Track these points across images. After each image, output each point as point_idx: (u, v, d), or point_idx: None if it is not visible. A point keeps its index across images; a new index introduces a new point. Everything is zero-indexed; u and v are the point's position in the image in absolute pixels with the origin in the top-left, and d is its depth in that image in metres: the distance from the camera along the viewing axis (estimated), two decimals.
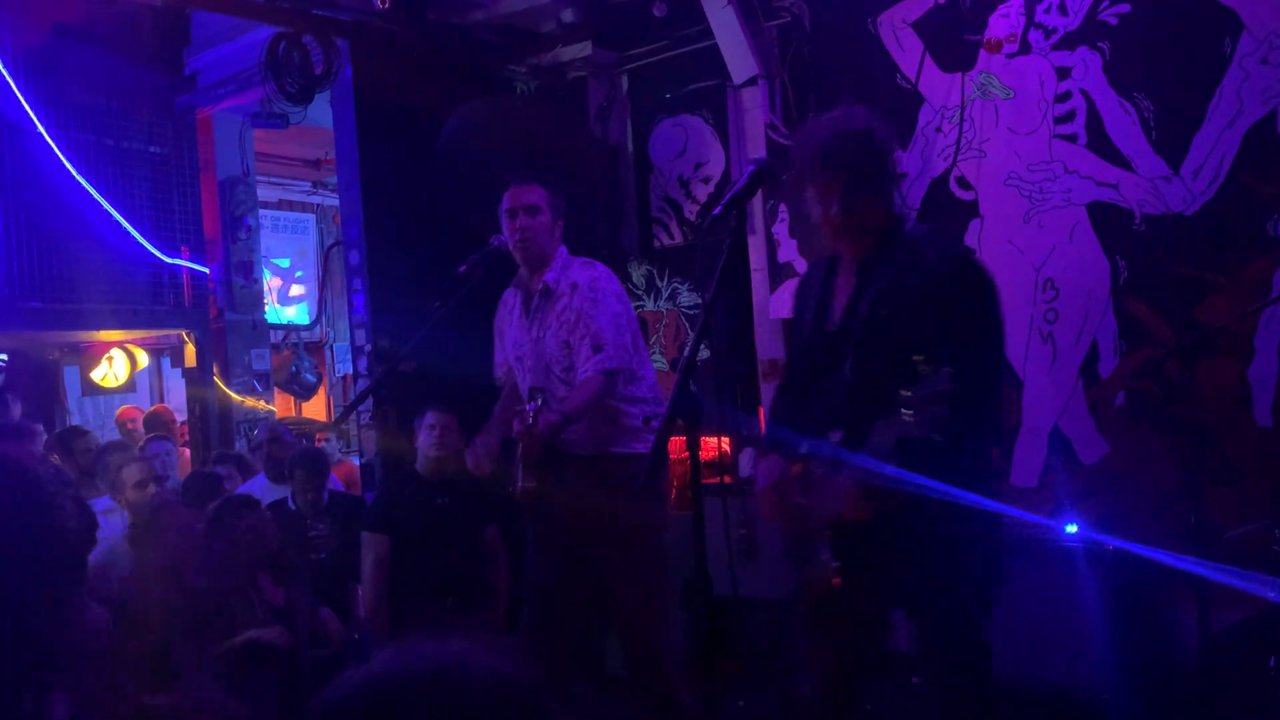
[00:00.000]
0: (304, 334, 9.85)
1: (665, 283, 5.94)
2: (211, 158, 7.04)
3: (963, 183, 4.68)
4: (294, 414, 9.33)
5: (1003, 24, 4.56)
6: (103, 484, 4.91)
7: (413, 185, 5.41)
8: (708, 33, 5.23)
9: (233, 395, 7.01)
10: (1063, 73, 4.40)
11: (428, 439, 4.56)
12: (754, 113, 5.24)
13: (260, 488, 5.29)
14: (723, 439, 5.29)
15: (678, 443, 3.96)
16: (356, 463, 6.01)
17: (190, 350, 6.99)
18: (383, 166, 5.44)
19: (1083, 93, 4.36)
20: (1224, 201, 4.05)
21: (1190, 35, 4.09)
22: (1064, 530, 4.00)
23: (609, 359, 3.51)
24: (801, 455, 2.61)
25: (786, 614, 2.85)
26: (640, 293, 5.97)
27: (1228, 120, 4.02)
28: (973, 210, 4.66)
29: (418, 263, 5.24)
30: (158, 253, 6.64)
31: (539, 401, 3.41)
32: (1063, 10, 4.40)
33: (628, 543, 3.59)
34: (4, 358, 7.52)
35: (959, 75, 4.65)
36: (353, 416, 5.57)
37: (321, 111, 5.79)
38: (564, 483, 3.58)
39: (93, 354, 7.73)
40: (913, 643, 2.69)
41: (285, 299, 9.80)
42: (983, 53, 4.61)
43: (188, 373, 7.11)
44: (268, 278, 8.54)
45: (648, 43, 5.70)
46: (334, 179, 7.42)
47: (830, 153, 2.59)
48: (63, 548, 2.31)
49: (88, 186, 6.28)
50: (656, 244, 5.90)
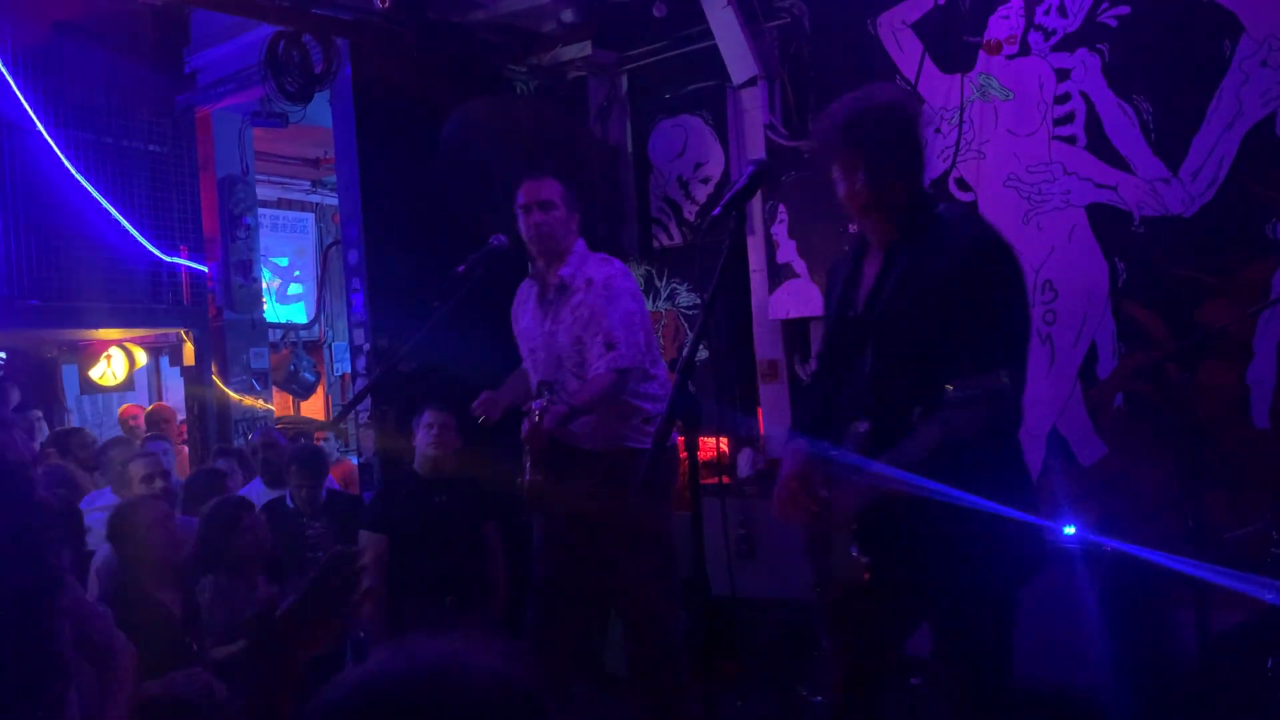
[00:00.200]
0: (302, 333, 9.85)
1: (664, 283, 5.94)
2: (211, 156, 7.05)
3: (962, 184, 4.69)
4: (292, 413, 9.33)
5: (1002, 25, 4.56)
6: (103, 478, 4.91)
7: (412, 184, 5.41)
8: (708, 33, 5.23)
9: (231, 394, 7.01)
10: (1062, 74, 4.40)
11: (425, 438, 4.56)
12: (753, 113, 5.24)
13: (256, 492, 5.29)
14: (721, 439, 5.30)
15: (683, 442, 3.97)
16: (355, 462, 6.01)
17: (189, 349, 6.99)
18: (382, 166, 5.45)
19: (1082, 94, 4.36)
20: (1223, 204, 4.05)
21: (1190, 37, 4.10)
22: (1062, 532, 4.00)
23: (621, 357, 3.51)
24: (826, 458, 2.52)
25: (810, 614, 2.76)
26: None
27: (1227, 122, 4.03)
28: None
29: (417, 262, 5.24)
30: (157, 251, 6.64)
31: (545, 399, 3.42)
32: (1062, 12, 4.40)
33: (635, 540, 3.59)
34: (2, 356, 7.52)
35: (958, 76, 4.65)
36: (351, 415, 5.57)
37: (321, 111, 5.79)
38: (572, 478, 3.59)
39: (91, 352, 7.73)
40: (928, 643, 2.58)
41: (284, 298, 9.80)
42: (982, 54, 4.61)
43: (186, 371, 7.12)
44: (267, 277, 8.54)
45: (648, 43, 5.70)
46: (333, 178, 7.43)
47: (852, 127, 2.49)
48: (43, 539, 2.32)
49: (87, 185, 6.28)
50: (656, 244, 5.90)
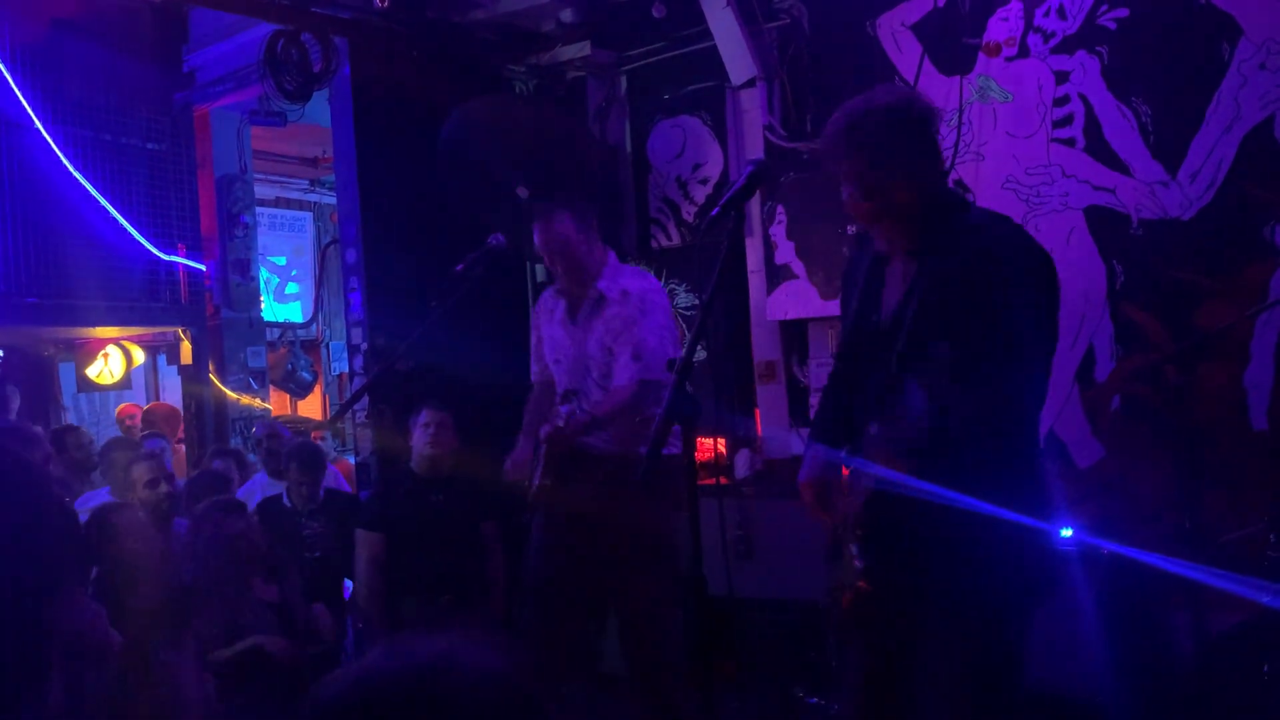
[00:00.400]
0: (300, 332, 9.85)
1: (662, 283, 5.93)
2: (209, 155, 7.04)
3: (961, 185, 4.68)
4: (289, 412, 9.33)
5: (1001, 27, 4.56)
6: (102, 478, 4.90)
7: (411, 184, 5.41)
8: (707, 34, 5.23)
9: (228, 393, 7.01)
10: (1061, 77, 4.40)
11: (423, 437, 4.56)
12: (752, 114, 5.23)
13: (261, 485, 5.30)
14: (719, 440, 5.29)
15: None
16: (352, 461, 6.01)
17: (186, 347, 6.98)
18: (381, 165, 5.44)
19: (1081, 97, 4.36)
20: (1221, 206, 4.05)
21: (1188, 40, 4.10)
22: (1059, 534, 4.00)
23: (647, 369, 3.55)
24: (840, 464, 2.50)
25: (811, 615, 2.73)
26: None
27: (1225, 125, 4.03)
28: None
29: (415, 261, 5.24)
30: (154, 249, 6.63)
31: (572, 406, 3.46)
32: (1061, 14, 4.40)
33: (638, 542, 3.60)
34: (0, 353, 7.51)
35: (957, 78, 4.65)
36: (348, 414, 5.57)
37: (319, 109, 5.79)
38: (577, 480, 3.59)
39: (88, 350, 7.72)
40: (932, 650, 2.49)
41: (281, 297, 9.79)
42: (981, 56, 4.61)
43: (184, 370, 7.11)
44: (264, 275, 8.53)
45: (647, 43, 5.69)
46: (331, 177, 7.42)
47: (854, 130, 2.36)
48: (52, 538, 2.32)
49: (85, 182, 6.27)
50: (654, 245, 5.89)
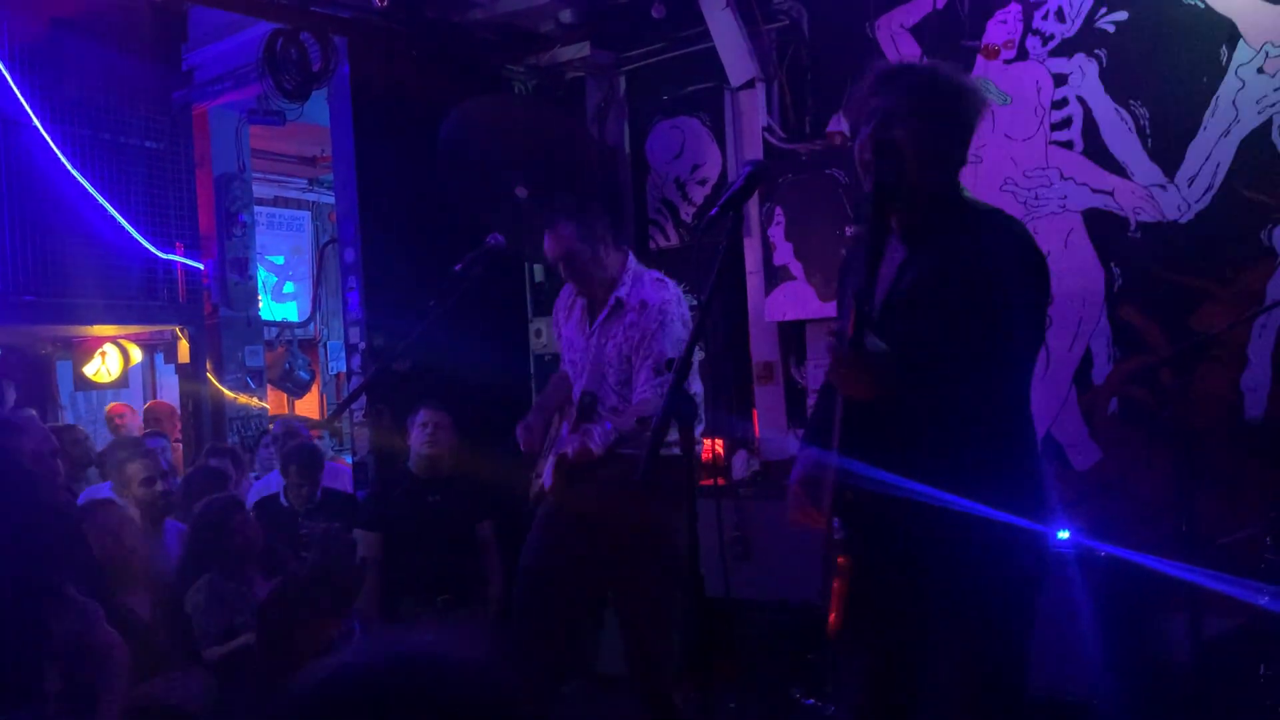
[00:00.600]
0: (298, 331, 9.84)
1: None
2: (207, 154, 7.04)
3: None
4: (287, 411, 9.32)
5: (1000, 30, 4.57)
6: (101, 476, 4.90)
7: (409, 183, 5.40)
8: (706, 35, 5.23)
9: (226, 392, 7.00)
10: (1060, 79, 4.41)
11: (420, 437, 4.56)
12: (751, 115, 5.23)
13: (277, 482, 5.31)
14: (716, 441, 5.29)
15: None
16: (349, 461, 6.00)
17: (184, 346, 6.98)
18: (379, 164, 5.44)
19: (1079, 99, 4.37)
20: (1219, 210, 4.06)
21: (1187, 43, 4.10)
22: (1056, 536, 4.00)
23: (667, 384, 3.55)
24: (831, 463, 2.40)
25: (810, 617, 2.66)
26: None
27: (1223, 129, 4.04)
28: None
29: (414, 261, 5.24)
30: (152, 248, 6.63)
31: (610, 428, 3.45)
32: (1060, 17, 4.41)
33: (641, 542, 3.60)
34: None
35: None
36: (346, 414, 5.56)
37: (318, 109, 5.78)
38: (585, 481, 3.60)
39: (86, 349, 7.71)
40: (936, 649, 2.43)
41: (279, 296, 9.79)
42: (980, 58, 4.62)
43: (181, 369, 7.10)
44: (262, 275, 8.53)
45: (646, 44, 5.69)
46: (330, 176, 7.41)
47: (887, 80, 2.33)
48: (44, 536, 2.33)
49: (83, 181, 6.27)
50: (652, 245, 5.89)
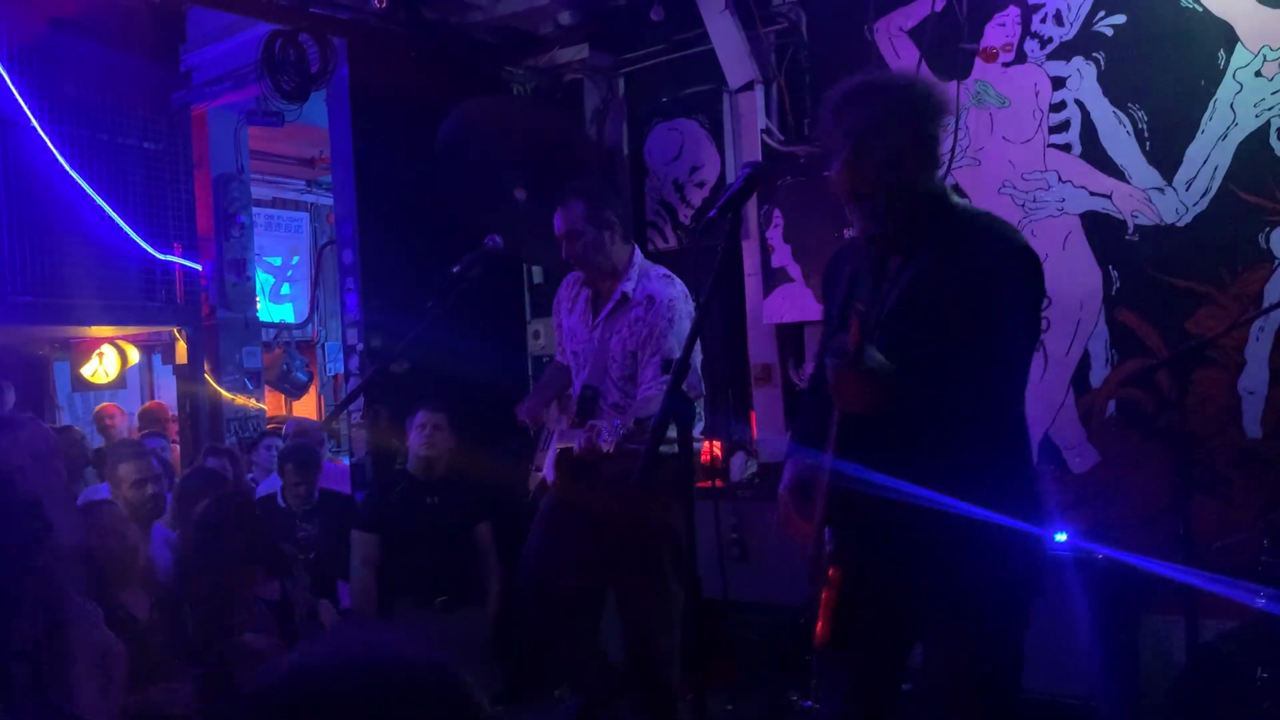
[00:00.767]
0: (295, 333, 9.84)
1: None
2: (206, 155, 7.04)
3: (957, 190, 4.68)
4: (284, 412, 9.32)
5: (999, 33, 4.57)
6: (102, 477, 4.90)
7: (408, 184, 5.40)
8: (705, 37, 5.23)
9: (223, 393, 7.00)
10: (1058, 82, 4.42)
11: (418, 438, 4.56)
12: (750, 118, 5.23)
13: (278, 483, 5.30)
14: (714, 443, 5.30)
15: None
16: (346, 463, 6.00)
17: (181, 347, 6.97)
18: (378, 165, 5.44)
19: (1077, 103, 4.37)
20: (1217, 213, 4.06)
21: (1185, 47, 4.11)
22: (1053, 539, 4.00)
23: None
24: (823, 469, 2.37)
25: (804, 622, 2.66)
26: None
27: (1221, 132, 4.04)
28: None
29: (412, 262, 5.24)
30: (150, 249, 6.62)
31: (618, 424, 3.41)
32: (1058, 20, 4.41)
33: (646, 541, 3.60)
34: None
35: (954, 83, 4.66)
36: (344, 415, 5.56)
37: (316, 110, 5.78)
38: (587, 479, 3.60)
39: (83, 349, 7.71)
40: (932, 650, 2.45)
41: (277, 297, 9.79)
42: (978, 61, 4.62)
43: (179, 370, 7.10)
44: (261, 276, 8.52)
45: (644, 46, 5.69)
46: (328, 178, 7.42)
47: (847, 103, 2.28)
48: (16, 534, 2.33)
49: (81, 181, 6.27)
50: (651, 247, 5.89)
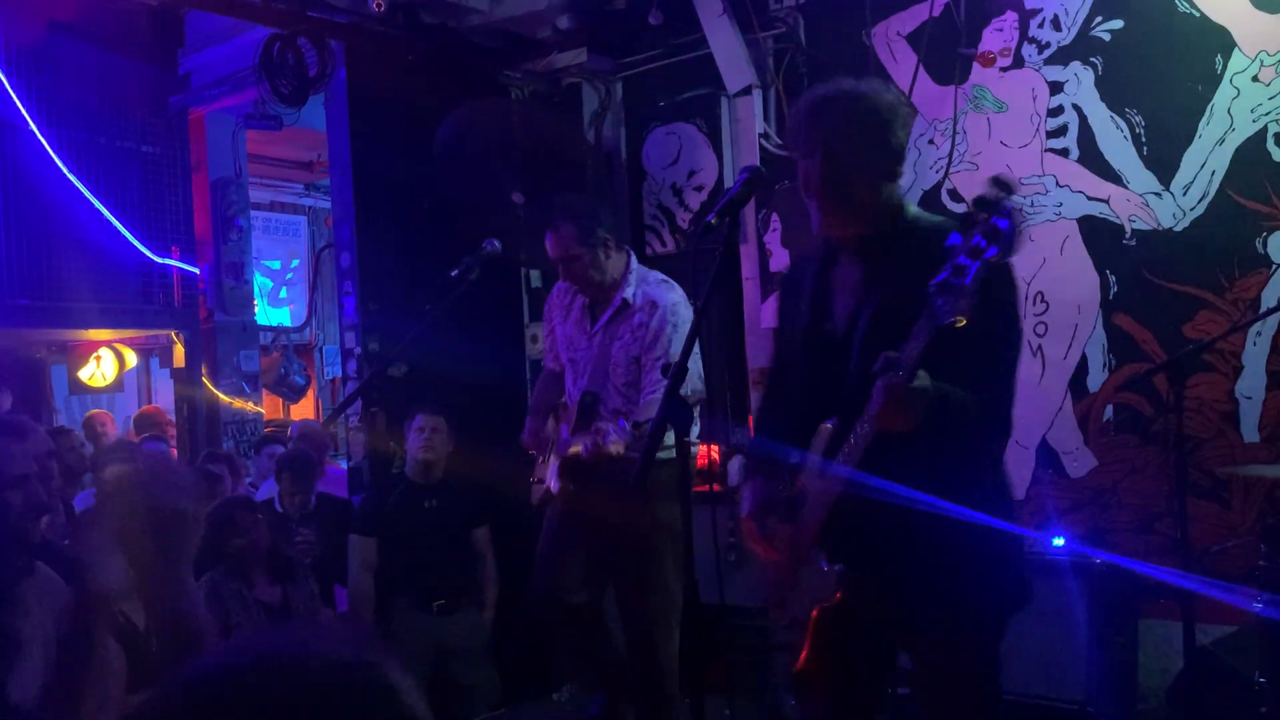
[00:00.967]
0: (293, 336, 9.83)
1: None
2: (204, 158, 7.03)
3: (955, 195, 4.70)
4: (282, 416, 9.31)
5: (996, 38, 4.58)
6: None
7: (406, 188, 5.40)
8: (703, 42, 5.24)
9: (221, 396, 6.99)
10: (1055, 87, 4.42)
11: (416, 441, 4.56)
12: (748, 122, 5.24)
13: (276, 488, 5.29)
14: (712, 447, 5.29)
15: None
16: (344, 466, 5.99)
17: (179, 351, 6.96)
18: (376, 169, 5.43)
19: (1075, 107, 4.38)
20: (1214, 218, 4.07)
21: (1182, 52, 4.11)
22: (1051, 543, 4.00)
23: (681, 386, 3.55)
24: (790, 466, 2.41)
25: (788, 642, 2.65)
26: None
27: (1218, 137, 4.05)
28: None
29: (410, 266, 5.24)
30: (148, 252, 6.61)
31: (620, 426, 3.40)
32: (1056, 25, 4.42)
33: (645, 544, 3.60)
34: None
35: (952, 88, 4.67)
36: (341, 419, 5.55)
37: (315, 113, 5.78)
38: (590, 483, 3.60)
39: (81, 353, 7.70)
40: (911, 657, 2.49)
41: (275, 301, 9.78)
42: (976, 66, 4.63)
43: (176, 373, 7.09)
44: (258, 279, 8.52)
45: (643, 50, 5.69)
46: (326, 181, 7.41)
47: (816, 112, 2.31)
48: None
49: (79, 185, 6.26)
50: (649, 251, 5.89)
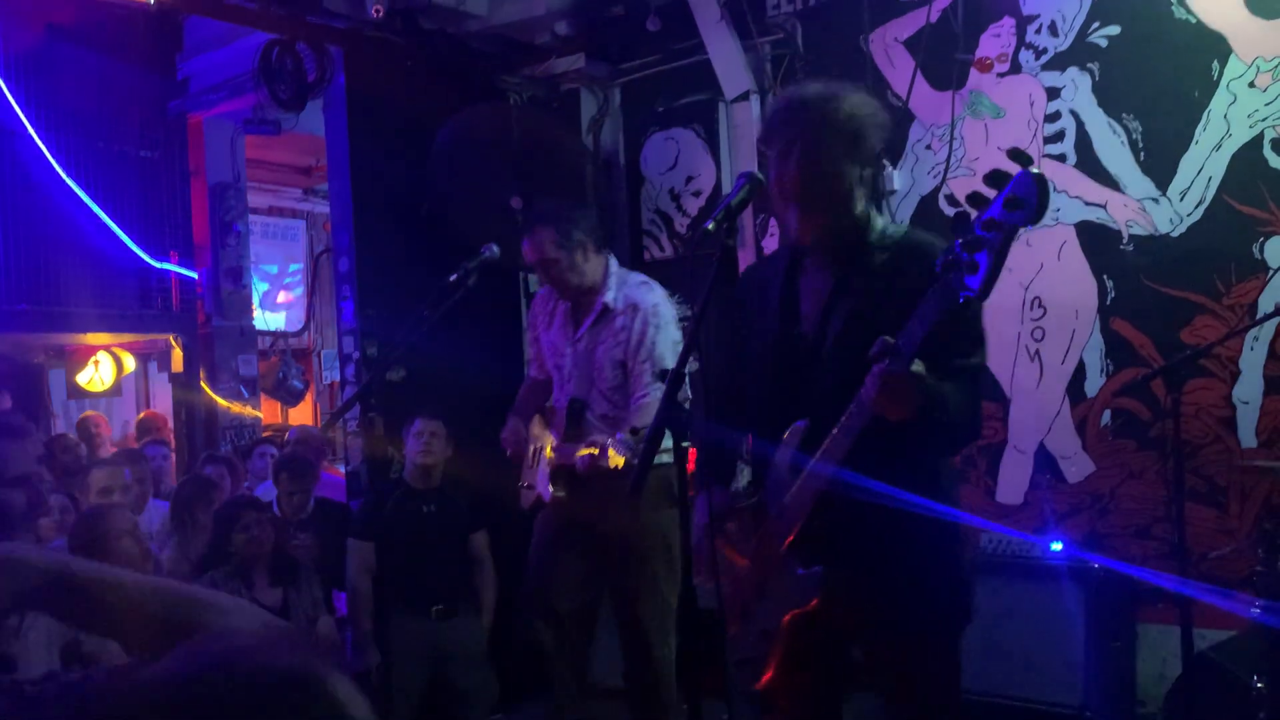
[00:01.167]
0: (292, 340, 9.83)
1: None
2: (202, 163, 7.03)
3: (952, 200, 4.71)
4: (280, 420, 9.31)
5: (994, 43, 4.59)
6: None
7: (404, 193, 5.40)
8: (701, 47, 5.25)
9: (219, 400, 6.99)
10: (1052, 93, 4.43)
11: (415, 446, 4.55)
12: (746, 128, 5.25)
13: (274, 492, 5.29)
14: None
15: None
16: (342, 471, 5.99)
17: (177, 355, 6.96)
18: (374, 174, 5.43)
19: (1072, 113, 4.39)
20: (1210, 223, 4.08)
21: (1178, 58, 4.13)
22: (1049, 548, 4.01)
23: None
24: (756, 458, 2.40)
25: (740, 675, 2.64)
26: None
27: (1215, 143, 4.06)
28: None
29: (408, 271, 5.23)
30: (146, 257, 6.61)
31: (621, 437, 3.37)
32: (1053, 31, 4.43)
33: (641, 551, 3.60)
34: None
35: (949, 94, 4.68)
36: (340, 424, 5.55)
37: (313, 118, 5.79)
38: (583, 490, 3.61)
39: (79, 357, 7.70)
40: (882, 662, 2.50)
41: (274, 305, 9.77)
42: (974, 71, 4.64)
43: (174, 377, 7.09)
44: (257, 284, 8.52)
45: (641, 56, 5.70)
46: (324, 186, 7.42)
47: (791, 111, 2.33)
48: None
49: (77, 189, 6.26)
50: (647, 256, 5.90)
